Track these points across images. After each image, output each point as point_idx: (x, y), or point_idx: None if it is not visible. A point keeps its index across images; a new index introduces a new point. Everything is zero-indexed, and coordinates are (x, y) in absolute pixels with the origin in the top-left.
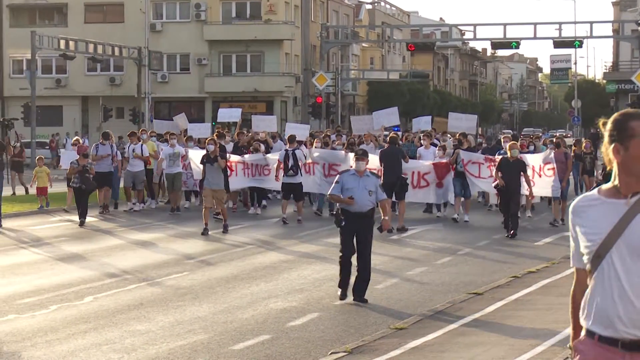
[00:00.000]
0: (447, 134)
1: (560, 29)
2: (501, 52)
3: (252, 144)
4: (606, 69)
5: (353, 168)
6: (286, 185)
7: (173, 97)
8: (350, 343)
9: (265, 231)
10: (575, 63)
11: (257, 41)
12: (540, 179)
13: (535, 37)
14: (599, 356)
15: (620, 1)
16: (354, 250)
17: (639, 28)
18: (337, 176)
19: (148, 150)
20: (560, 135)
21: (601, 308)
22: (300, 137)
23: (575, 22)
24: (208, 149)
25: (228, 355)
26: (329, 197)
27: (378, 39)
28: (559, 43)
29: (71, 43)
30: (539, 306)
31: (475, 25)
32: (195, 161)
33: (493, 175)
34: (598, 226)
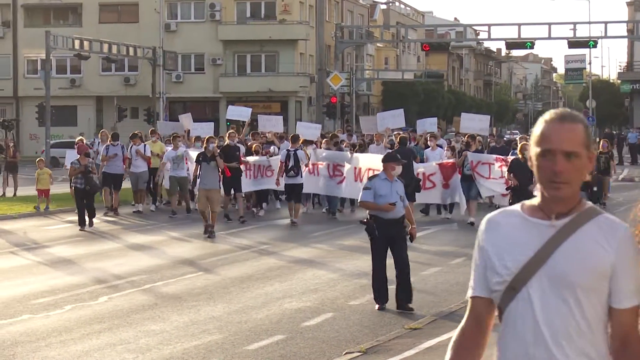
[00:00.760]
0: (461, 135)
1: (574, 29)
2: (516, 52)
3: (262, 149)
4: (621, 69)
5: (382, 172)
6: (288, 186)
7: (187, 97)
8: (364, 343)
9: (279, 232)
10: (589, 63)
11: (272, 41)
12: None
13: (549, 37)
14: None
15: (634, 1)
16: (385, 260)
17: None
18: (366, 182)
19: (156, 150)
20: None
21: (514, 355)
22: (311, 137)
23: (589, 22)
24: (208, 148)
25: (242, 355)
26: (361, 205)
27: (393, 39)
28: (574, 43)
29: (85, 43)
30: None
31: (489, 25)
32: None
33: (504, 175)
34: (516, 250)
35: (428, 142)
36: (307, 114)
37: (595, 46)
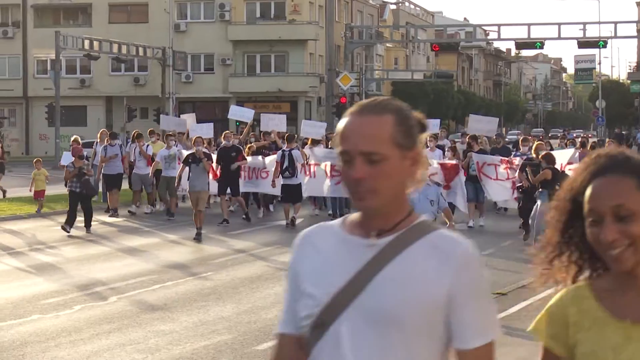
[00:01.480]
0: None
1: (584, 29)
2: (525, 52)
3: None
4: (630, 69)
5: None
6: (284, 187)
7: (197, 97)
8: None
9: (287, 232)
10: (599, 63)
11: (282, 41)
12: None
13: (559, 38)
14: None
15: None
16: None
17: None
18: None
19: (156, 151)
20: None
21: None
22: (315, 136)
23: (599, 22)
24: (197, 149)
25: (252, 355)
26: None
27: (402, 39)
28: (583, 43)
29: (95, 43)
30: None
31: (499, 25)
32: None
33: (509, 177)
34: (328, 276)
35: (428, 143)
36: (317, 114)
37: (605, 46)
